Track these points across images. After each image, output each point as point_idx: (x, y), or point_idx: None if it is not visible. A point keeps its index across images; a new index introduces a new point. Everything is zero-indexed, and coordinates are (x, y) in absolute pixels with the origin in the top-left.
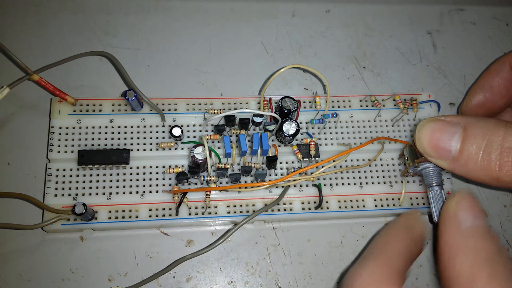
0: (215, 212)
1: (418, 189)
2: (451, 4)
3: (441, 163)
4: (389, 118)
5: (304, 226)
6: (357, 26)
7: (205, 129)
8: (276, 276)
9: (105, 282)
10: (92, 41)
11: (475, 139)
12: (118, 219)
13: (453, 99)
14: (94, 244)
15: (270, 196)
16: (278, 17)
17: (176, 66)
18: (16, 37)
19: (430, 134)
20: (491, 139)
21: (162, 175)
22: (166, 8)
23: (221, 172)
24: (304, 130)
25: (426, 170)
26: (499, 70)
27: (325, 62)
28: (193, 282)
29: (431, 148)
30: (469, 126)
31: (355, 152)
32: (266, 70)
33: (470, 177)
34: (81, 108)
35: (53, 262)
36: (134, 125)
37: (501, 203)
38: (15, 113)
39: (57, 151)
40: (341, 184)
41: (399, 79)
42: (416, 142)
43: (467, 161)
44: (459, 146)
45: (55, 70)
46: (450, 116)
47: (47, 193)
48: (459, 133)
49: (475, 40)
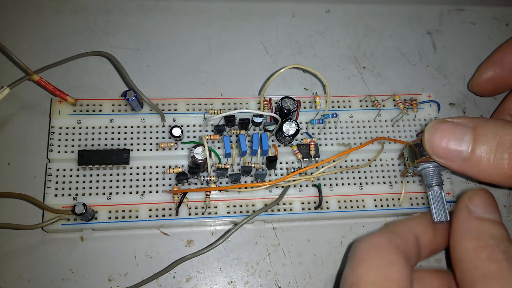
0: (215, 212)
1: (418, 189)
2: (451, 4)
3: (451, 165)
4: (389, 118)
5: (304, 226)
6: (357, 26)
7: (205, 129)
8: (276, 276)
9: (105, 282)
10: (92, 41)
11: (486, 139)
12: (118, 219)
13: (453, 99)
14: (94, 244)
15: (270, 196)
16: (278, 17)
17: (176, 66)
18: (16, 37)
19: (440, 136)
20: (502, 138)
21: (162, 175)
22: (166, 8)
23: (221, 172)
24: (304, 130)
25: (425, 170)
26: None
27: (325, 62)
28: (193, 282)
29: (441, 150)
30: (479, 126)
31: (355, 152)
32: (266, 70)
33: (482, 177)
34: (81, 108)
35: (53, 262)
36: (134, 125)
37: (501, 203)
38: (15, 113)
39: (57, 151)
40: (341, 184)
41: (399, 79)
42: (425, 144)
43: (479, 161)
44: (471, 147)
45: (55, 70)
46: (458, 118)
47: (47, 193)
48: (469, 134)
49: (475, 40)
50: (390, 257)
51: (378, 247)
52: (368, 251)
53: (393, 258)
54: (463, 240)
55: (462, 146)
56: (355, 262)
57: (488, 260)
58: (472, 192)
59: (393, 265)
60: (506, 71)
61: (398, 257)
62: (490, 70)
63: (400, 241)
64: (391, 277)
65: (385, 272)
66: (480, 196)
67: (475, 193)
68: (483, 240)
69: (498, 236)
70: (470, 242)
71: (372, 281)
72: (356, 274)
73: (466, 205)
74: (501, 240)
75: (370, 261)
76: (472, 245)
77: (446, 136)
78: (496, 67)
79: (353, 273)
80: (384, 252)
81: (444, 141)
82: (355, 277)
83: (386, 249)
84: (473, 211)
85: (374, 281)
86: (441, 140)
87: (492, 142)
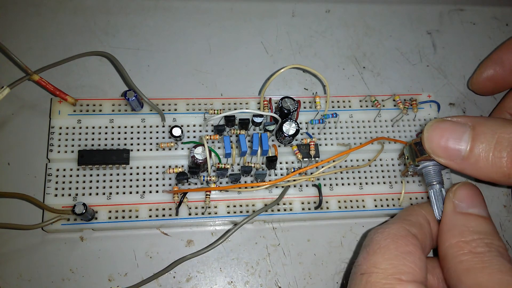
0: (215, 212)
1: (418, 189)
2: (451, 4)
3: (450, 164)
4: (389, 118)
5: (304, 226)
6: (357, 26)
7: (205, 129)
8: (276, 276)
9: (105, 282)
10: (92, 41)
11: (485, 137)
12: (118, 219)
13: (453, 99)
14: (94, 244)
15: (270, 196)
16: (278, 17)
17: (176, 66)
18: (16, 37)
19: (439, 134)
20: (501, 137)
21: (162, 175)
22: (166, 8)
23: (221, 172)
24: (304, 130)
25: (426, 169)
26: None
27: (325, 62)
28: (193, 282)
29: (440, 149)
30: (478, 125)
31: (355, 152)
32: (266, 70)
33: (480, 175)
34: (81, 108)
35: (53, 262)
36: (134, 125)
37: (501, 203)
38: (15, 113)
39: (57, 151)
40: (341, 184)
41: (399, 79)
42: (425, 143)
43: (478, 159)
44: (469, 145)
45: (55, 70)
46: (457, 116)
47: (47, 193)
48: (468, 133)
49: (475, 40)
50: (407, 247)
51: (395, 237)
52: (385, 240)
53: (410, 248)
54: (447, 235)
55: (461, 145)
56: (371, 250)
57: (471, 254)
58: (457, 186)
59: (409, 255)
60: (506, 70)
61: (414, 248)
62: (490, 69)
63: (416, 230)
64: (404, 268)
65: (399, 262)
66: (464, 190)
67: (459, 187)
68: (467, 236)
69: (483, 231)
70: (454, 238)
71: (385, 270)
72: (370, 262)
73: (450, 200)
74: (485, 235)
75: (385, 250)
76: (456, 241)
77: (445, 134)
78: (496, 66)
79: (367, 261)
80: (402, 242)
81: (443, 140)
82: (368, 265)
83: (403, 238)
84: (457, 206)
85: (387, 270)
86: (440, 138)
87: (491, 141)
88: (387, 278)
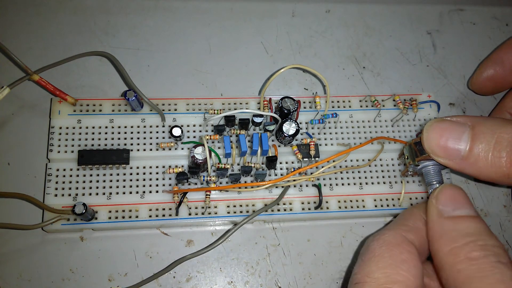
0: (215, 212)
1: (418, 189)
2: (451, 4)
3: (450, 163)
4: (389, 118)
5: (304, 226)
6: (357, 26)
7: (205, 129)
8: (276, 276)
9: (105, 282)
10: (92, 41)
11: (484, 137)
12: (118, 219)
13: (453, 99)
14: (94, 244)
15: (270, 196)
16: (278, 17)
17: (176, 66)
18: (16, 37)
19: (438, 134)
20: (500, 136)
21: (162, 175)
22: (166, 8)
23: (221, 172)
24: (304, 130)
25: (426, 169)
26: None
27: (325, 62)
28: (193, 282)
29: (439, 149)
30: (477, 125)
31: (355, 152)
32: (266, 70)
33: (480, 175)
34: (81, 108)
35: (53, 262)
36: (134, 125)
37: (501, 203)
38: (15, 113)
39: (57, 151)
40: (341, 184)
41: (399, 79)
42: (424, 143)
43: (477, 159)
44: (469, 145)
45: (55, 70)
46: (457, 116)
47: (47, 193)
48: (468, 132)
49: (475, 40)
50: (402, 255)
51: (390, 245)
52: (379, 248)
53: (405, 256)
54: (439, 244)
55: (461, 145)
56: (366, 258)
57: (467, 261)
58: (438, 191)
59: (403, 264)
60: (506, 70)
61: (409, 255)
62: (490, 69)
63: (413, 236)
64: (398, 277)
65: (393, 271)
66: (445, 193)
67: (440, 191)
68: (459, 240)
69: (474, 232)
70: (446, 246)
71: (377, 280)
72: (364, 272)
73: (434, 206)
74: (478, 235)
75: (379, 258)
76: (449, 248)
77: (445, 134)
78: (496, 66)
79: (361, 270)
80: (397, 250)
81: (442, 140)
82: (362, 274)
83: (398, 246)
84: (442, 211)
85: (379, 280)
86: (439, 138)
87: (490, 141)
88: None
